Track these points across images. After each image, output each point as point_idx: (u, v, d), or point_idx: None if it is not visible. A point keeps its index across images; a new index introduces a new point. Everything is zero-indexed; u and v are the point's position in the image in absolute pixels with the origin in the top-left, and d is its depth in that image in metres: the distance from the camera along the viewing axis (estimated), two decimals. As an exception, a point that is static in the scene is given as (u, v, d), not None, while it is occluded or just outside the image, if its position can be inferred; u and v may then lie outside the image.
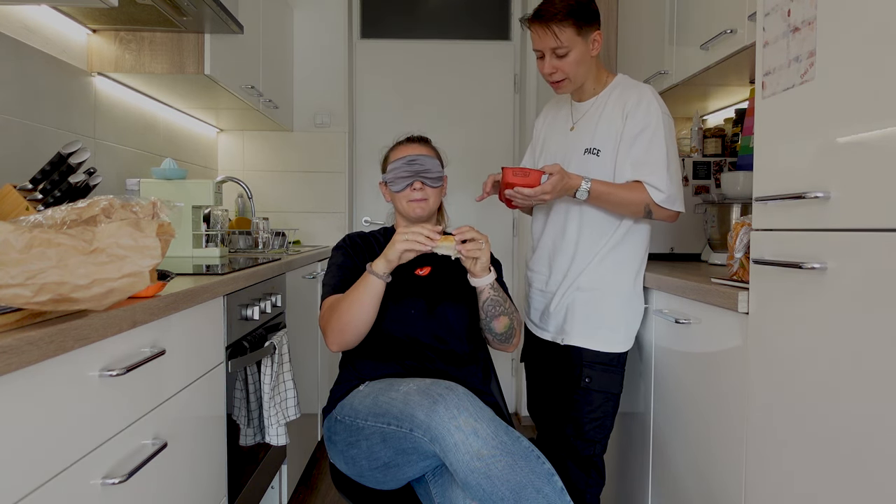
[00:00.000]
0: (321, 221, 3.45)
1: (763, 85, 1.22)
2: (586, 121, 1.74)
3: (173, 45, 2.15)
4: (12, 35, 1.68)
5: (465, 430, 1.20)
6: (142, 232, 0.90)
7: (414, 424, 1.26)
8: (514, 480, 1.18)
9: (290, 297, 2.21)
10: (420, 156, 1.59)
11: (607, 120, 1.69)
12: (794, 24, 1.12)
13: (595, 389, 1.67)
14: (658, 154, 1.62)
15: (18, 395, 0.76)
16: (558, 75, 1.65)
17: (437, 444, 1.22)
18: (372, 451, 1.35)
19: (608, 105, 1.70)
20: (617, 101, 1.69)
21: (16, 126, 1.70)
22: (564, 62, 1.63)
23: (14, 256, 0.78)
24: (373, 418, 1.36)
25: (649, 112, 1.64)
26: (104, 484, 0.94)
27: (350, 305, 1.45)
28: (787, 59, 1.14)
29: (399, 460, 1.32)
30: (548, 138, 1.86)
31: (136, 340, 1.05)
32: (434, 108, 3.57)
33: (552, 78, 1.67)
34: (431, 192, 1.60)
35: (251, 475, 1.74)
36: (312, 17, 3.40)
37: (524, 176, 1.59)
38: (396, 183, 1.59)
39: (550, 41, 1.61)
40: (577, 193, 1.60)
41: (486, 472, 1.17)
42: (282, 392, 1.77)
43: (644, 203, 1.62)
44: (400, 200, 1.61)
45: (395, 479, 1.37)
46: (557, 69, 1.64)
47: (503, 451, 1.20)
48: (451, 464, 1.21)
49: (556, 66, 1.63)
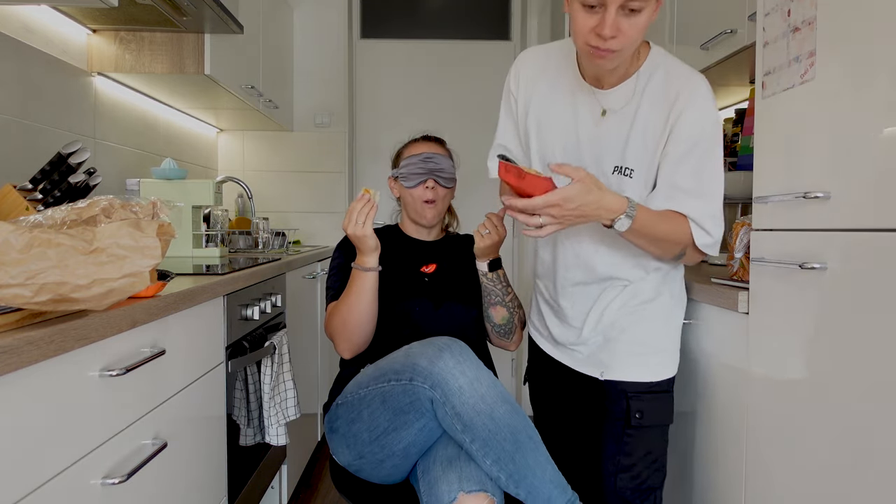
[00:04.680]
0: (321, 221, 3.45)
1: (763, 85, 1.22)
2: (617, 122, 1.26)
3: (173, 45, 2.15)
4: (12, 35, 1.68)
5: (469, 376, 1.24)
6: (142, 232, 0.90)
7: (415, 373, 1.27)
8: (512, 425, 1.22)
9: (290, 297, 2.21)
10: (436, 154, 1.60)
11: (645, 124, 1.24)
12: (793, 24, 1.12)
13: (648, 425, 1.33)
14: (712, 182, 1.23)
15: (18, 395, 0.76)
16: (616, 42, 1.09)
17: (438, 389, 1.23)
18: (373, 419, 1.35)
19: (646, 99, 1.24)
20: (659, 95, 1.23)
21: (16, 126, 1.70)
22: (634, 23, 1.08)
23: (14, 256, 0.78)
24: (373, 383, 1.36)
25: (704, 119, 1.21)
26: (104, 484, 0.94)
27: (350, 307, 1.46)
28: (787, 59, 1.14)
29: (397, 422, 1.31)
30: (547, 123, 1.35)
31: (136, 340, 1.05)
32: (434, 107, 3.56)
33: (607, 45, 1.09)
34: (443, 193, 1.61)
35: (251, 475, 1.74)
36: (312, 17, 3.40)
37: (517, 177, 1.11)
38: (409, 179, 1.59)
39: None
40: (615, 223, 1.16)
41: (489, 413, 1.21)
42: (282, 392, 1.77)
43: (683, 245, 1.25)
44: (411, 198, 1.60)
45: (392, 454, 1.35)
46: (622, 32, 1.08)
47: (502, 399, 1.24)
48: (453, 407, 1.22)
49: (623, 27, 1.08)
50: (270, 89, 2.92)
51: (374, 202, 1.42)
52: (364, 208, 1.41)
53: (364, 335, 1.49)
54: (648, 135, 1.23)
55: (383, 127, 3.55)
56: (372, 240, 1.43)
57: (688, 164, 1.22)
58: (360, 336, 1.49)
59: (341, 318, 1.48)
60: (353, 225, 1.41)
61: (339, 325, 1.49)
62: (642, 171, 1.25)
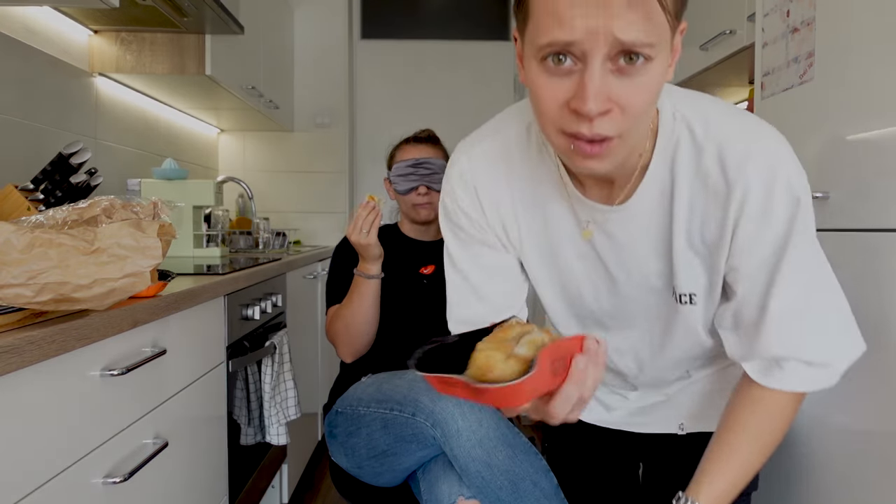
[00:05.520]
0: (321, 221, 3.46)
1: (762, 85, 1.22)
2: (647, 243, 0.83)
3: (174, 45, 2.16)
4: (14, 36, 1.69)
5: (469, 419, 1.21)
6: (143, 232, 0.90)
7: (417, 409, 1.26)
8: (512, 471, 1.18)
9: (291, 297, 2.21)
10: (427, 159, 1.59)
11: (689, 231, 0.80)
12: (793, 24, 1.12)
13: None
14: (824, 302, 0.81)
15: (20, 395, 0.76)
16: (610, 122, 0.65)
17: (438, 428, 1.23)
18: (371, 439, 1.35)
19: (680, 194, 0.78)
20: (696, 177, 0.77)
21: (17, 126, 1.70)
22: (638, 84, 0.64)
23: (16, 256, 0.78)
24: (375, 405, 1.36)
25: (786, 197, 0.75)
26: (105, 483, 0.94)
27: (353, 314, 1.47)
28: (787, 59, 1.14)
29: (397, 448, 1.32)
30: (539, 271, 0.94)
31: (136, 340, 1.05)
32: (434, 107, 3.57)
33: (596, 129, 0.65)
34: (437, 196, 1.60)
35: (252, 475, 1.74)
36: (313, 18, 3.40)
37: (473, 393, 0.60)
38: (401, 184, 1.59)
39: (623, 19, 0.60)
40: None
41: (486, 461, 1.18)
42: (282, 392, 1.78)
43: (790, 421, 0.85)
44: (404, 202, 1.61)
45: (391, 470, 1.36)
46: (618, 104, 0.65)
47: (504, 442, 1.20)
48: (451, 449, 1.21)
49: (619, 94, 0.64)
50: (271, 90, 2.92)
51: (378, 210, 1.42)
52: (369, 216, 1.41)
53: (366, 340, 1.50)
54: (699, 244, 0.80)
55: (383, 127, 3.55)
56: (376, 248, 1.43)
57: (781, 279, 0.78)
58: (362, 341, 1.50)
59: (343, 323, 1.49)
60: (358, 233, 1.41)
61: (342, 331, 1.49)
62: (703, 292, 0.83)
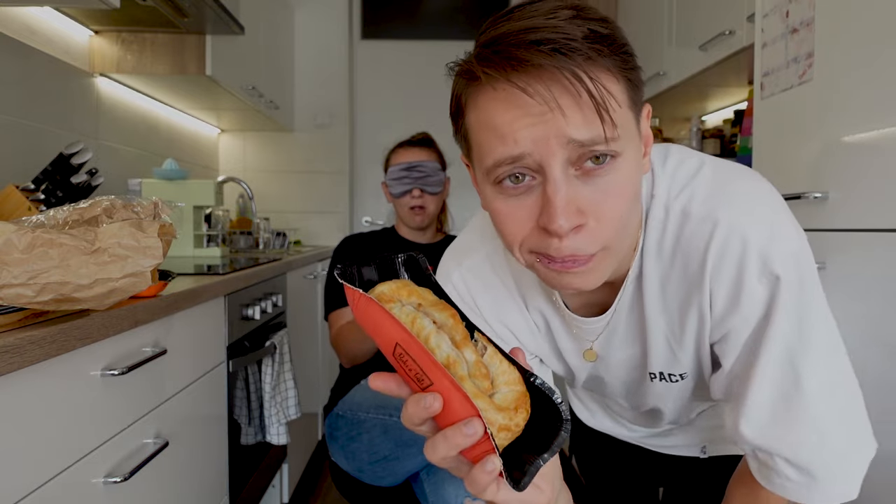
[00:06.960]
0: (322, 221, 3.46)
1: (762, 86, 1.22)
2: (623, 341, 0.78)
3: (175, 46, 2.16)
4: (15, 36, 1.69)
5: None
6: (143, 232, 0.91)
7: None
8: None
9: (291, 297, 2.22)
10: (420, 162, 1.59)
11: (657, 319, 0.72)
12: (792, 25, 1.13)
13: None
14: (817, 392, 0.67)
15: (21, 394, 0.76)
16: (585, 237, 0.59)
17: None
18: (373, 444, 1.36)
19: (651, 278, 0.70)
20: (675, 258, 0.68)
21: (18, 127, 1.71)
22: (607, 183, 0.58)
23: (17, 256, 0.78)
24: (374, 410, 1.37)
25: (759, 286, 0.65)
26: (106, 483, 0.94)
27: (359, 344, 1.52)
28: (786, 59, 1.14)
29: (399, 453, 1.32)
30: None
31: (137, 340, 1.05)
32: (434, 108, 3.56)
33: (569, 246, 0.58)
34: (431, 200, 1.61)
35: (252, 474, 1.74)
36: (313, 18, 3.41)
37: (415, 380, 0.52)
38: (395, 188, 1.60)
39: (573, 118, 0.55)
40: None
41: None
42: (282, 391, 1.78)
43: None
44: (400, 206, 1.62)
45: (393, 473, 1.37)
46: (588, 212, 0.58)
47: None
48: None
49: (588, 200, 0.58)
50: (271, 90, 2.93)
51: None
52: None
53: (368, 356, 1.56)
54: (677, 329, 0.72)
55: (383, 127, 3.55)
56: None
57: (764, 367, 0.67)
58: (364, 359, 1.56)
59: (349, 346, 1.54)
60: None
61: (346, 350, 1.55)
62: (693, 369, 0.77)
